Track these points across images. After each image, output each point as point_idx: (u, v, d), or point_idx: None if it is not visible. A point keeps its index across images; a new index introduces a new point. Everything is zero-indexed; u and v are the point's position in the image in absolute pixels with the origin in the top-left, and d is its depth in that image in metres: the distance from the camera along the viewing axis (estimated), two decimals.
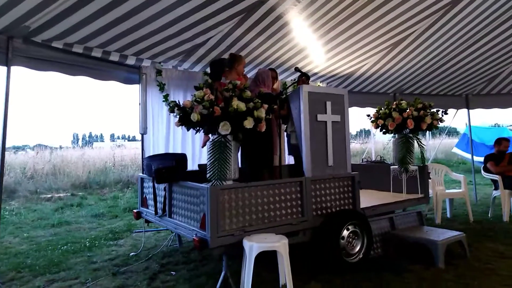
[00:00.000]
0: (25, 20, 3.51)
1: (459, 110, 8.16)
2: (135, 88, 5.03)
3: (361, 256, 3.79)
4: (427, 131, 5.07)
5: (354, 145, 18.95)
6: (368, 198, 4.62)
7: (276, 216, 3.44)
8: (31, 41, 3.89)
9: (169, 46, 4.72)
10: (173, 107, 3.35)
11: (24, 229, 5.94)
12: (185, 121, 3.29)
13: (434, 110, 4.95)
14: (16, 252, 4.61)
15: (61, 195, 8.88)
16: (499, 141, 6.38)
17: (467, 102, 8.05)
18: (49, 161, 11.01)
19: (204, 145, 4.31)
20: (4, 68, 3.74)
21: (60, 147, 15.00)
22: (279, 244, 3.06)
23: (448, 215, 6.18)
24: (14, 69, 3.79)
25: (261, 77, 4.31)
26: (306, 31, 5.07)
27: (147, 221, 4.43)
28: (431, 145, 17.23)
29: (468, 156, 10.65)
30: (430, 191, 5.49)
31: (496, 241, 4.63)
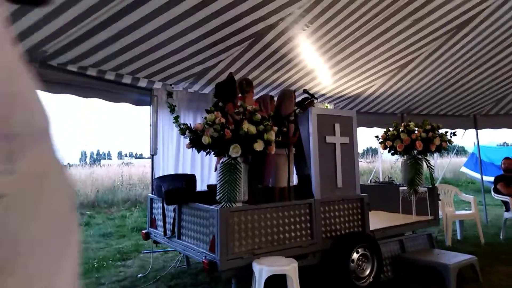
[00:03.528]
0: (43, 45, 3.63)
1: (467, 130, 8.16)
2: (146, 109, 5.13)
3: (371, 279, 3.74)
4: (436, 152, 5.08)
5: (361, 164, 18.81)
6: (377, 220, 4.59)
7: (285, 239, 3.44)
8: (48, 65, 4.01)
9: (180, 69, 4.82)
10: (184, 129, 3.42)
11: None
12: (196, 143, 3.35)
13: (443, 131, 4.96)
14: None
15: None
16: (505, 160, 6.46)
17: (475, 122, 8.04)
18: None
19: (216, 168, 4.35)
20: None
21: (69, 165, 15.09)
22: (289, 268, 3.05)
23: (459, 237, 6.09)
24: None
25: (263, 103, 4.40)
26: (314, 54, 5.16)
27: (155, 242, 4.44)
28: (439, 164, 17.08)
29: (477, 175, 10.55)
30: (440, 212, 5.44)
31: (509, 264, 4.55)
